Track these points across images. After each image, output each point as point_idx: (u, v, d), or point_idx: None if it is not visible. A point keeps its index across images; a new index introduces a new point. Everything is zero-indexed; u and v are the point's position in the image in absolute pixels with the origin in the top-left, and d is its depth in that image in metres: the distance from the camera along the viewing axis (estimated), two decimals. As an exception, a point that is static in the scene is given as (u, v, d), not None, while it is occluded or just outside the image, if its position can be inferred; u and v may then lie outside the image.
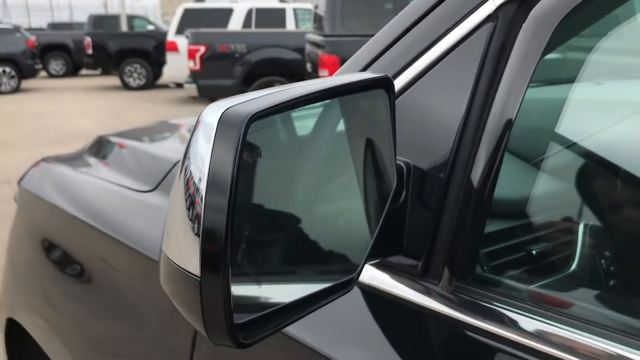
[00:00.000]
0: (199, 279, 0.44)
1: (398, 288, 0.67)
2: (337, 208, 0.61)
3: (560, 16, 0.59)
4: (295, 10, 11.87)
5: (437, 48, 0.67)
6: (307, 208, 0.56)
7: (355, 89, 0.58)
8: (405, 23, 0.71)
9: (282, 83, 8.98)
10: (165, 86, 12.88)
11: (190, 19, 11.05)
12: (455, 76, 0.67)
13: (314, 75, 7.56)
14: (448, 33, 0.67)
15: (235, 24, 11.22)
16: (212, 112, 0.45)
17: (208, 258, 0.44)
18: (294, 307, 0.53)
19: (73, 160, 1.67)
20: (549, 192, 0.79)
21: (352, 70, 0.74)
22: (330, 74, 6.66)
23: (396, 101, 0.67)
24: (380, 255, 0.67)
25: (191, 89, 9.52)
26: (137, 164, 1.43)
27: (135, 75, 13.43)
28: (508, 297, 0.61)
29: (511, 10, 0.64)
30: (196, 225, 0.44)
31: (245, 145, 0.42)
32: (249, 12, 11.28)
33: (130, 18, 17.06)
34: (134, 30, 15.94)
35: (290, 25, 11.62)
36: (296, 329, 0.73)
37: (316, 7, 8.55)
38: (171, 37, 11.29)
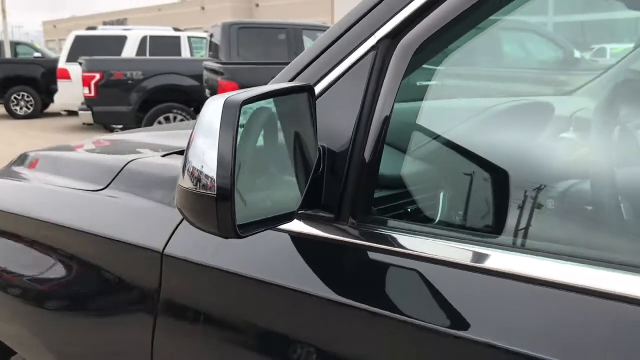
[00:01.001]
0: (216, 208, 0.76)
1: (318, 231, 0.98)
2: (285, 171, 0.92)
3: (417, 45, 0.93)
4: (189, 38, 12.06)
5: (340, 68, 0.99)
6: (267, 167, 0.87)
7: (291, 92, 0.89)
8: (320, 48, 1.02)
9: (179, 110, 9.18)
10: (56, 114, 12.56)
11: (82, 47, 10.94)
12: (352, 87, 0.99)
13: (213, 101, 7.80)
14: (347, 57, 0.99)
15: (129, 51, 11.22)
16: (217, 100, 0.75)
17: (221, 198, 0.75)
18: (265, 221, 0.86)
19: (5, 173, 1.82)
20: (417, 169, 1.14)
21: (284, 80, 1.05)
22: (230, 99, 6.95)
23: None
24: (308, 207, 0.97)
25: (86, 116, 9.42)
26: (78, 170, 1.62)
27: (22, 103, 13.00)
28: (393, 228, 0.94)
29: (386, 43, 0.96)
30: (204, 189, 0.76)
31: (239, 119, 0.72)
32: (143, 39, 11.35)
33: (14, 44, 16.44)
34: (18, 57, 15.40)
35: (185, 52, 11.78)
36: (248, 269, 1.01)
37: (211, 36, 8.81)
38: (62, 64, 11.11)
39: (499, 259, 0.80)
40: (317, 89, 1.00)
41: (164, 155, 1.45)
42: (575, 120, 1.41)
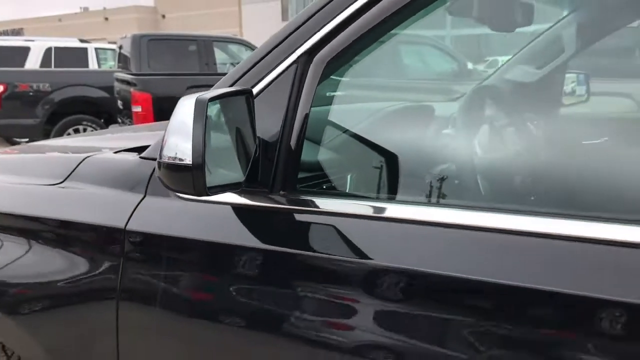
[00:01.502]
0: (192, 176, 1.05)
1: (255, 202, 1.27)
2: (233, 154, 1.21)
3: (327, 59, 1.24)
4: (97, 49, 11.93)
5: (270, 76, 1.28)
6: (222, 150, 1.17)
7: (237, 94, 1.19)
8: (254, 60, 1.31)
9: (89, 122, 9.11)
10: (-47, 128, 11.99)
11: (-22, 58, 10.58)
12: (280, 93, 1.28)
13: (126, 112, 7.86)
14: (275, 68, 1.28)
15: (32, 63, 10.95)
16: (189, 99, 1.03)
17: (195, 169, 1.03)
18: (223, 186, 1.15)
19: None
20: (329, 156, 1.46)
21: (226, 85, 1.33)
22: (144, 110, 7.07)
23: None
24: (249, 182, 1.26)
25: (-11, 129, 9.16)
26: (31, 168, 1.82)
27: None
28: (313, 195, 1.25)
29: (305, 58, 1.27)
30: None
31: (207, 112, 1.01)
32: (48, 50, 11.12)
33: None
34: None
35: (92, 64, 11.64)
36: (199, 235, 1.29)
37: (121, 47, 8.84)
38: (-42, 76, 10.67)
39: (392, 210, 1.13)
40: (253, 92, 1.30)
41: (116, 152, 1.69)
42: (452, 120, 1.79)
